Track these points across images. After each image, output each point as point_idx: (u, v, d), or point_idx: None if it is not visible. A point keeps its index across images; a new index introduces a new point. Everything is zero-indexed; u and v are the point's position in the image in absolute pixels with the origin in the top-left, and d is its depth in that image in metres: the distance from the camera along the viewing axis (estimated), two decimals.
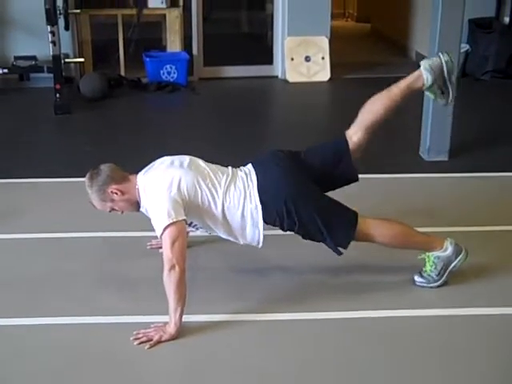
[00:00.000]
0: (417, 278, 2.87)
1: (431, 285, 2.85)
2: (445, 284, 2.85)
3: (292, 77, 6.69)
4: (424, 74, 2.81)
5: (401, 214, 3.06)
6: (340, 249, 2.75)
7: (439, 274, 2.83)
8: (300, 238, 2.80)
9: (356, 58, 7.82)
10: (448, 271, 2.83)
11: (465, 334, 2.58)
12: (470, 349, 2.50)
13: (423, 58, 2.99)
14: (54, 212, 3.63)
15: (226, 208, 2.70)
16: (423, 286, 2.86)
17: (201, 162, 2.83)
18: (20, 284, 2.91)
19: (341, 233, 2.74)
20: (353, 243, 2.75)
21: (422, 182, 4.11)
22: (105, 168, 2.75)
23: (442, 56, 2.82)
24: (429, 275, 2.85)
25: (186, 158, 2.82)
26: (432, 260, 2.83)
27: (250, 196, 2.71)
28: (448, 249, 2.83)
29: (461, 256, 2.83)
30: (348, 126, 2.88)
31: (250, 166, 2.85)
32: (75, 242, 3.29)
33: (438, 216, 3.53)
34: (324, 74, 6.72)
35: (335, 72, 6.73)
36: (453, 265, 2.82)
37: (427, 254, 2.85)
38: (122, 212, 2.81)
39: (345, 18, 11.02)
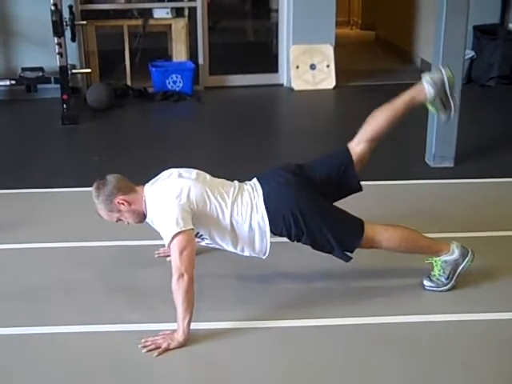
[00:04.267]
0: (426, 283, 2.88)
1: (441, 289, 2.86)
2: (453, 288, 2.85)
3: (297, 85, 6.71)
4: (426, 87, 2.81)
5: (406, 220, 3.05)
6: (348, 254, 2.77)
7: (448, 277, 2.84)
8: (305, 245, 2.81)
9: (361, 65, 7.83)
10: (456, 274, 2.84)
11: (475, 340, 2.58)
12: (481, 354, 2.50)
13: (428, 64, 3.00)
14: (62, 222, 3.65)
15: (233, 219, 2.71)
16: (433, 290, 2.86)
17: (207, 176, 2.86)
18: (29, 293, 2.93)
19: (348, 241, 2.75)
20: (360, 250, 2.77)
21: (428, 189, 4.12)
22: (111, 178, 2.77)
23: (443, 70, 2.83)
24: (438, 279, 2.86)
25: (193, 171, 2.85)
26: (440, 264, 2.84)
27: (257, 207, 2.73)
28: (455, 252, 2.84)
29: (468, 258, 2.84)
30: (354, 134, 2.90)
31: (255, 179, 2.87)
32: (83, 252, 3.31)
33: (443, 222, 3.54)
34: (329, 82, 6.74)
35: (340, 80, 6.74)
36: (461, 267, 2.84)
37: (434, 258, 2.86)
38: (129, 223, 2.83)
39: (349, 25, 11.03)
